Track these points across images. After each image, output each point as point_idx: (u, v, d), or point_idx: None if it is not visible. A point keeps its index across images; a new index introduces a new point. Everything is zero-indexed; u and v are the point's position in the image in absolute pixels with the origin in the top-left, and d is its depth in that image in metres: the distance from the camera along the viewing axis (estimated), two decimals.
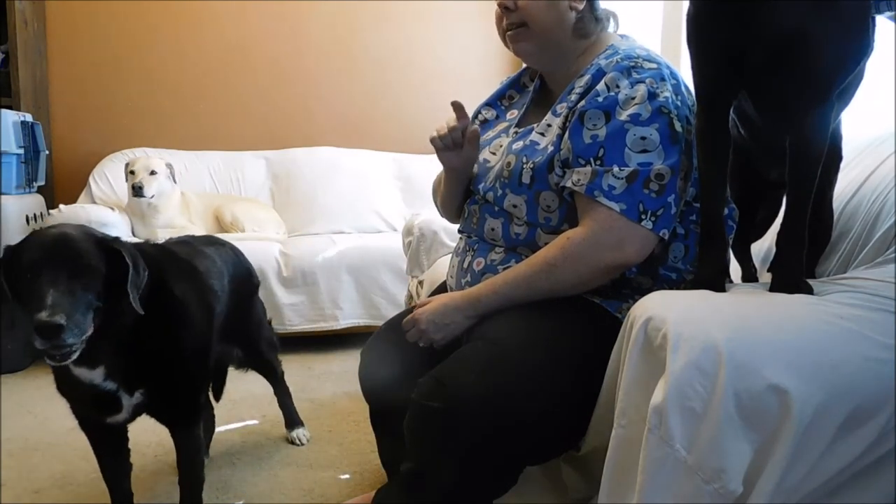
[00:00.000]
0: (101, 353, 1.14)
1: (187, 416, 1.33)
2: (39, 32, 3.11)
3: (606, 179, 1.01)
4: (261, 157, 3.38)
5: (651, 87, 1.04)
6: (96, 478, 1.67)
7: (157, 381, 1.23)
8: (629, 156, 1.02)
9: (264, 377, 1.87)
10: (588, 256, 1.02)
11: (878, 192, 1.19)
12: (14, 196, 2.54)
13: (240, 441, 1.89)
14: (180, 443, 1.34)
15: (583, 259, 1.02)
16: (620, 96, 1.04)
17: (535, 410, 0.94)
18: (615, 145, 1.02)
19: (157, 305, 1.16)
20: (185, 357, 1.26)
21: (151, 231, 2.78)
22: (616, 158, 1.02)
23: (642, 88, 1.04)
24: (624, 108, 1.03)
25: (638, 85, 1.04)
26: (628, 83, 1.04)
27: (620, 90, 1.04)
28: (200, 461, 1.38)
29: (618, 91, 1.04)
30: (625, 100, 1.03)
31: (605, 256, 1.01)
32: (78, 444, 1.86)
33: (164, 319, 1.20)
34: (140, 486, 1.63)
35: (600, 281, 1.05)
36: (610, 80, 1.05)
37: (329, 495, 1.59)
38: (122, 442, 1.38)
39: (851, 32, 0.91)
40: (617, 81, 1.05)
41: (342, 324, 2.76)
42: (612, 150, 1.02)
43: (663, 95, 1.04)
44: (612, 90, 1.04)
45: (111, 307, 1.09)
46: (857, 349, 0.79)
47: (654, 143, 1.02)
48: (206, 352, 1.35)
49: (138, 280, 1.11)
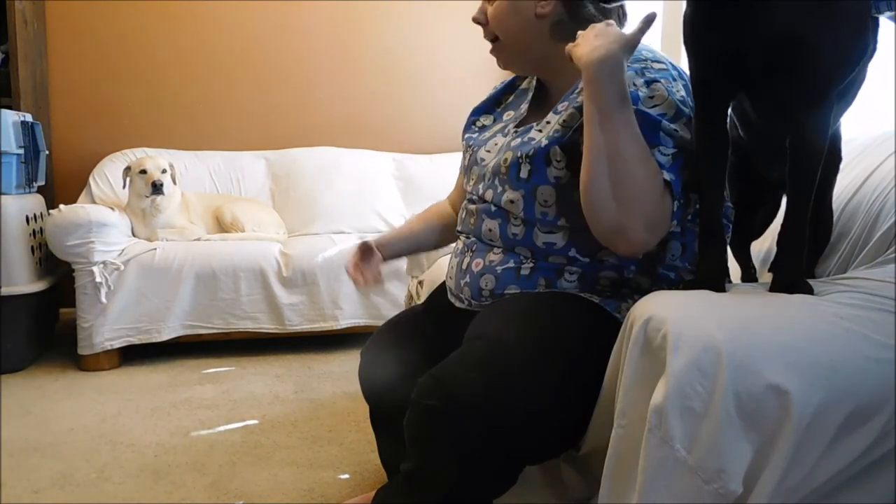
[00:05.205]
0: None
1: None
2: (39, 32, 3.11)
3: (654, 156, 1.00)
4: (261, 157, 3.38)
5: (668, 87, 1.04)
6: (96, 478, 1.68)
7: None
8: (665, 140, 1.01)
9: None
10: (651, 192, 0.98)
11: (878, 192, 1.20)
12: (14, 196, 2.53)
13: (240, 441, 1.89)
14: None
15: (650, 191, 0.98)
16: (641, 94, 1.03)
17: (534, 410, 0.94)
18: (651, 132, 1.01)
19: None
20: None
21: (151, 231, 2.78)
22: (654, 142, 1.01)
23: (660, 88, 1.03)
24: (646, 105, 1.03)
25: (655, 84, 1.04)
26: (643, 82, 1.04)
27: (638, 88, 1.04)
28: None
29: (636, 88, 1.04)
30: (645, 98, 1.03)
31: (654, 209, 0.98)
32: (78, 444, 1.86)
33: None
34: (140, 486, 1.63)
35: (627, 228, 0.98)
36: (627, 77, 1.04)
37: (329, 495, 1.59)
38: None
39: (848, 33, 0.91)
40: (633, 80, 1.04)
41: (342, 324, 2.76)
42: (649, 135, 1.00)
43: (680, 94, 1.04)
44: (631, 87, 1.04)
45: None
46: (857, 349, 0.79)
47: (682, 139, 1.02)
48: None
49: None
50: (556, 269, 1.09)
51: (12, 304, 2.46)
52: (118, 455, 1.80)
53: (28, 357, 2.58)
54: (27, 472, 1.70)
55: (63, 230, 2.46)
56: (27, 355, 2.58)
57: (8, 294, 2.45)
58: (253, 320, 2.69)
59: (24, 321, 2.53)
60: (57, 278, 2.74)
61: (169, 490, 1.61)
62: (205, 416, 2.08)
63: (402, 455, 1.03)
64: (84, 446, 1.86)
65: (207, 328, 2.67)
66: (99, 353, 2.52)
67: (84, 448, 1.85)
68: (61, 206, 2.51)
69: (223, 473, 1.70)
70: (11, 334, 2.48)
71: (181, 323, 2.64)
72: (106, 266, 2.51)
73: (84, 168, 3.13)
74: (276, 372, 2.54)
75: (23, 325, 2.53)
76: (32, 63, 3.00)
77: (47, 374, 2.50)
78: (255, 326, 2.70)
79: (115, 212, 2.66)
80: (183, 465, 1.74)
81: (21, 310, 2.51)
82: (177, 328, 2.63)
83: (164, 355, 2.68)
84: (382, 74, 3.63)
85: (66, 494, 1.59)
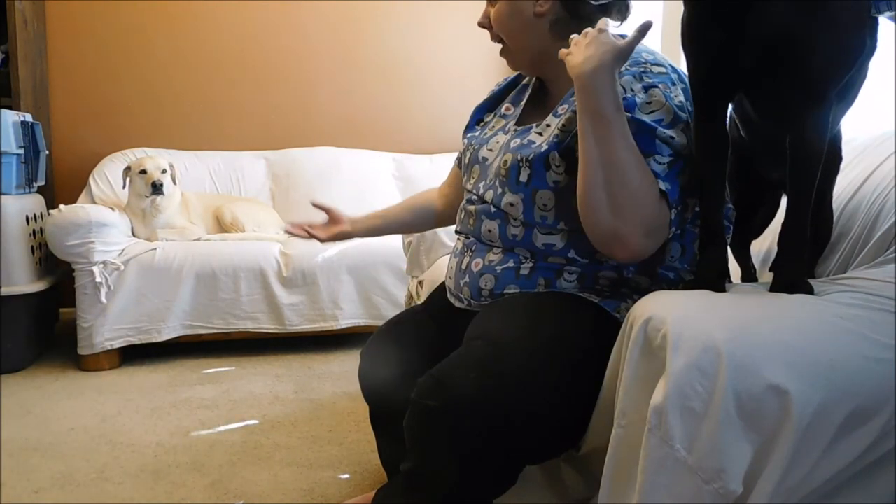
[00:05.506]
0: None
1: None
2: (39, 32, 3.11)
3: (650, 164, 1.00)
4: (261, 157, 3.39)
5: (666, 92, 1.04)
6: (96, 478, 1.68)
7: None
8: (661, 147, 1.02)
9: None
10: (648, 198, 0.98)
11: (878, 192, 1.20)
12: (14, 196, 2.53)
13: (240, 441, 1.89)
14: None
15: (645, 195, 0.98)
16: (638, 99, 1.03)
17: (534, 410, 0.94)
18: (646, 140, 1.01)
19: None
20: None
21: (151, 231, 2.79)
22: (650, 150, 1.01)
23: (658, 94, 1.03)
24: (643, 111, 1.03)
25: (653, 90, 1.04)
26: (641, 87, 1.04)
27: (636, 94, 1.04)
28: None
29: (634, 94, 1.04)
30: (642, 104, 1.03)
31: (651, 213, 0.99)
32: (78, 444, 1.86)
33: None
34: (140, 486, 1.63)
35: (624, 233, 0.98)
36: (625, 83, 1.04)
37: (329, 495, 1.59)
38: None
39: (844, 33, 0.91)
40: (630, 86, 1.04)
41: (342, 324, 2.76)
42: (645, 143, 1.01)
43: (678, 99, 1.04)
44: (629, 93, 1.04)
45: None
46: (857, 349, 0.79)
47: (680, 145, 1.02)
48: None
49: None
50: (555, 270, 1.09)
51: (12, 304, 2.46)
52: (118, 455, 1.80)
53: (28, 357, 2.58)
54: (27, 472, 1.70)
55: (63, 230, 2.46)
56: (27, 355, 2.58)
57: (8, 294, 2.45)
58: (253, 320, 2.69)
59: (24, 321, 2.53)
60: (57, 278, 2.74)
61: (169, 490, 1.61)
62: (205, 416, 2.08)
63: (402, 455, 1.03)
64: (84, 446, 1.86)
65: (207, 328, 2.67)
66: (99, 353, 2.52)
67: (84, 448, 1.85)
68: (61, 206, 2.51)
69: (223, 473, 1.70)
70: (11, 334, 2.48)
71: (181, 323, 2.64)
72: (106, 266, 2.51)
73: (84, 168, 3.14)
74: (276, 372, 2.54)
75: (23, 325, 2.53)
76: (32, 63, 3.00)
77: (47, 374, 2.50)
78: (255, 326, 2.70)
79: (115, 212, 2.66)
80: (183, 465, 1.74)
81: (21, 310, 2.51)
82: (177, 328, 2.63)
83: (164, 355, 2.68)
84: (382, 74, 3.63)
85: (66, 494, 1.59)
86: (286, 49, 3.50)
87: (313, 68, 3.55)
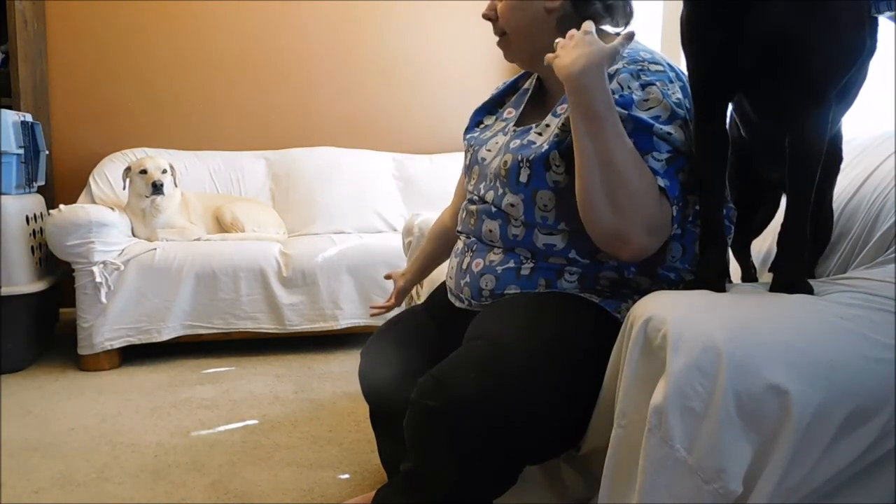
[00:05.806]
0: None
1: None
2: (39, 32, 3.11)
3: (648, 162, 1.00)
4: (261, 157, 3.38)
5: (663, 90, 1.04)
6: (96, 478, 1.68)
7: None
8: (658, 144, 1.02)
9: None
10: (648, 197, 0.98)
11: (878, 192, 1.20)
12: (14, 196, 2.53)
13: (240, 441, 1.89)
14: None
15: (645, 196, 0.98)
16: (634, 97, 1.03)
17: (534, 410, 0.94)
18: (643, 137, 1.01)
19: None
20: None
21: (151, 231, 2.79)
22: (647, 147, 1.01)
23: (655, 91, 1.04)
24: (639, 108, 1.03)
25: (650, 87, 1.04)
26: (638, 85, 1.04)
27: (633, 91, 1.04)
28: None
29: (630, 92, 1.04)
30: (639, 101, 1.03)
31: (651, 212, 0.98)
32: (78, 444, 1.86)
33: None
34: (140, 486, 1.63)
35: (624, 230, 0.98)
36: (622, 80, 1.05)
37: (329, 495, 1.59)
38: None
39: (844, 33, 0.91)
40: (627, 83, 1.04)
41: (342, 324, 2.76)
42: (642, 141, 1.01)
43: (676, 97, 1.04)
44: (625, 90, 1.04)
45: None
46: (857, 349, 0.79)
47: (678, 141, 1.02)
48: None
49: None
50: (556, 270, 1.09)
51: (12, 304, 2.46)
52: (118, 455, 1.80)
53: (28, 357, 2.58)
54: (27, 472, 1.70)
55: (63, 230, 2.46)
56: (27, 355, 2.58)
57: (8, 294, 2.45)
58: (253, 320, 2.69)
59: (24, 321, 2.53)
60: (57, 278, 2.74)
61: (169, 490, 1.61)
62: (205, 416, 2.08)
63: (402, 455, 1.03)
64: (84, 446, 1.86)
65: (207, 328, 2.67)
66: (99, 353, 2.52)
67: (84, 448, 1.85)
68: (61, 206, 2.51)
69: (223, 473, 1.70)
70: (11, 334, 2.48)
71: (181, 323, 2.64)
72: (106, 266, 2.51)
73: (84, 168, 3.14)
74: (276, 372, 2.54)
75: (23, 325, 2.53)
76: (32, 63, 3.00)
77: (47, 374, 2.50)
78: (255, 326, 2.70)
79: (115, 212, 2.66)
80: (183, 465, 1.74)
81: (21, 310, 2.51)
82: (177, 328, 2.63)
83: (164, 355, 2.68)
84: (382, 74, 3.63)
85: (66, 494, 1.59)
86: (286, 49, 3.50)
87: (313, 68, 3.55)
